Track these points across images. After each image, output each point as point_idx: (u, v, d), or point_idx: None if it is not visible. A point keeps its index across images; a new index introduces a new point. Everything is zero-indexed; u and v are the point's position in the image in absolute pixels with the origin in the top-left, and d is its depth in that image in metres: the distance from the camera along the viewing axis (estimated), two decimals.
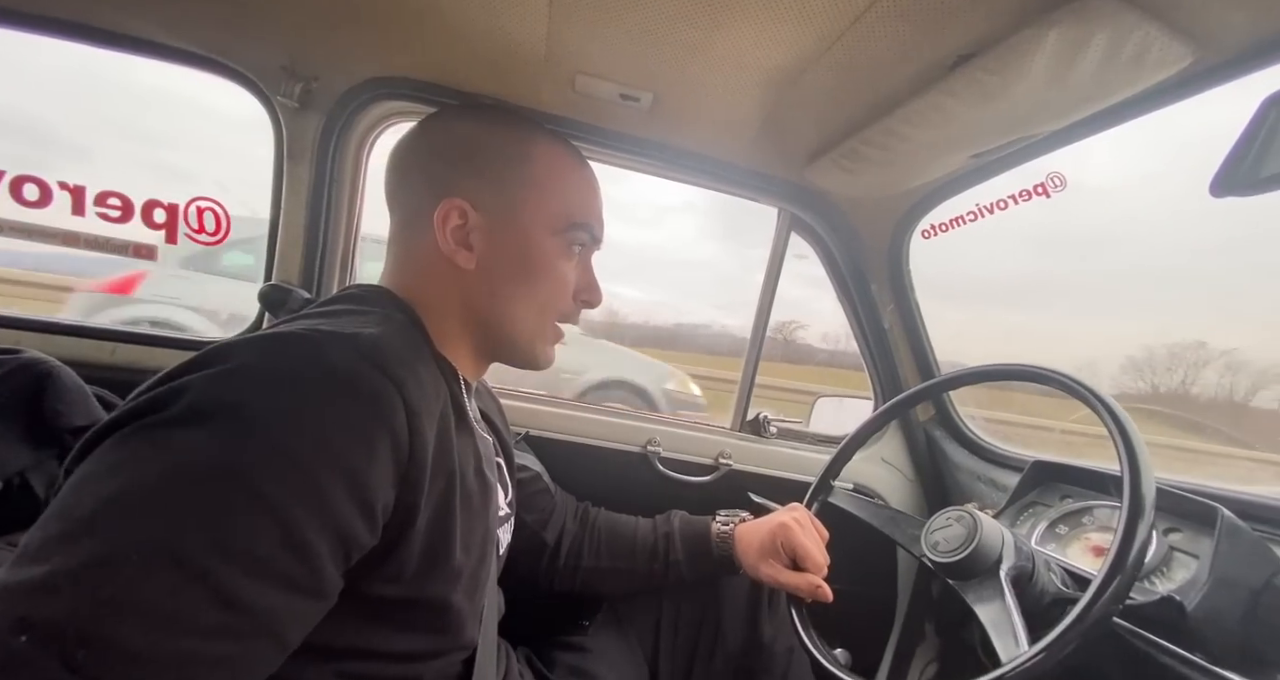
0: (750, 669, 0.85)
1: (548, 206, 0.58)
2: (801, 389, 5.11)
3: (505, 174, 0.57)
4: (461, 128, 0.59)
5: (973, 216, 0.90)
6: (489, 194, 0.56)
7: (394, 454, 0.41)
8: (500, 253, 0.57)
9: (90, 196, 0.95)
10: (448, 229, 0.55)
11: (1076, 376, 0.63)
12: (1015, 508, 0.87)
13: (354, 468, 0.38)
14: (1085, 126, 0.69)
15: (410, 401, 0.42)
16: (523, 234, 0.57)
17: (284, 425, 0.36)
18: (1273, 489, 0.69)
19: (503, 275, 0.57)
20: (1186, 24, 0.51)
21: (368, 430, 0.39)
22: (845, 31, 0.62)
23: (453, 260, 0.56)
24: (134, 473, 0.33)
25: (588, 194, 0.63)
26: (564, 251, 0.60)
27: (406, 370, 0.44)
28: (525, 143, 0.59)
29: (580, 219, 0.60)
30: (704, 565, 0.83)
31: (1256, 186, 0.47)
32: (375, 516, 0.40)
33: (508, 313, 0.58)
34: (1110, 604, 0.49)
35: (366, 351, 0.42)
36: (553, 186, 0.59)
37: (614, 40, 0.70)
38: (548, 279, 0.59)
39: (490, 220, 0.56)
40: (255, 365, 0.38)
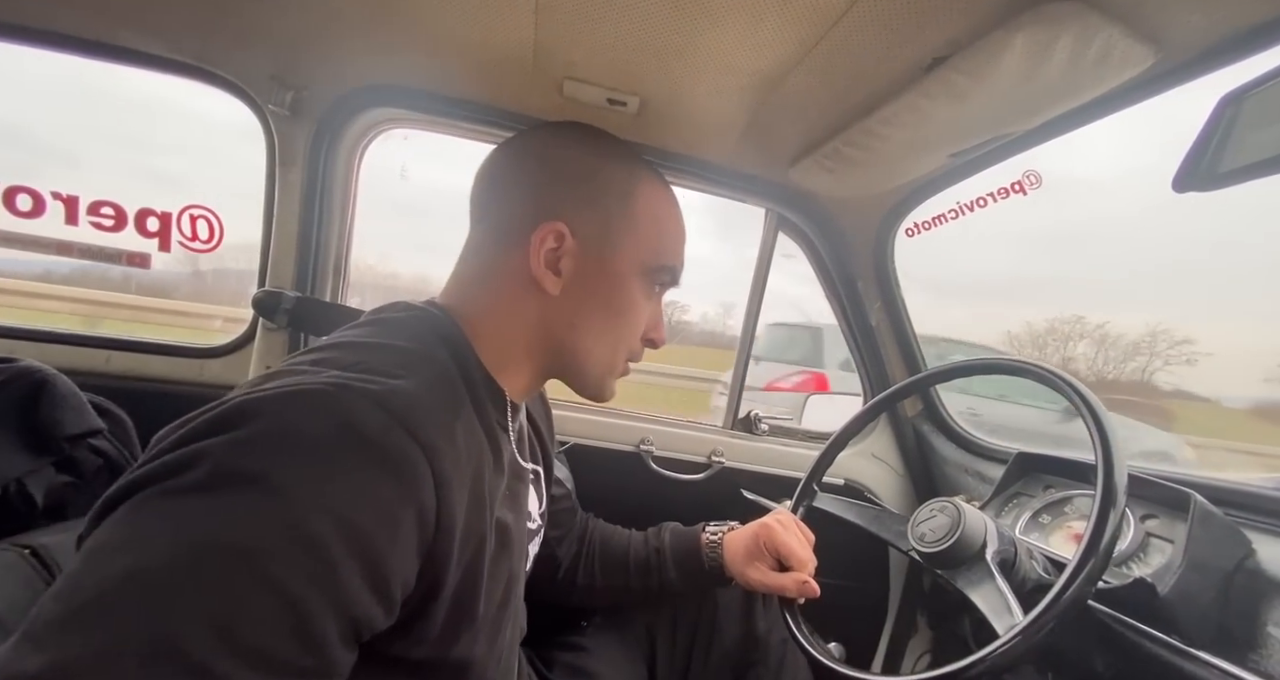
0: (747, 662, 0.86)
1: (643, 246, 0.57)
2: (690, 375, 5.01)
3: (610, 206, 0.56)
4: (574, 151, 0.58)
5: (954, 214, 0.92)
6: (590, 223, 0.55)
7: (419, 532, 0.39)
8: (588, 283, 0.55)
9: (83, 206, 0.96)
10: (543, 250, 0.53)
11: (1055, 369, 0.64)
12: (1000, 499, 0.89)
13: (375, 551, 0.36)
14: (1057, 125, 0.71)
15: (441, 471, 0.40)
16: (614, 269, 0.56)
17: (304, 502, 0.34)
18: (1245, 475, 0.71)
19: (585, 306, 0.56)
20: (1147, 27, 0.53)
21: (393, 509, 0.37)
22: (824, 36, 0.64)
23: (539, 283, 0.54)
24: (142, 551, 0.31)
25: (679, 236, 0.62)
26: (647, 291, 0.59)
27: (440, 432, 0.41)
28: (633, 179, 0.58)
29: (669, 261, 0.60)
30: (696, 578, 0.83)
31: (1216, 181, 0.49)
32: (393, 598, 0.38)
33: (583, 344, 0.57)
34: (1084, 587, 0.50)
35: (398, 412, 0.39)
36: (651, 226, 0.58)
37: (600, 45, 0.72)
38: (628, 317, 0.58)
39: (585, 249, 0.55)
40: (276, 430, 0.36)
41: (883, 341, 1.17)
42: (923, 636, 1.19)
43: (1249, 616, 0.57)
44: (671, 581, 0.83)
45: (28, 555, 0.54)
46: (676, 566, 0.83)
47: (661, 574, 0.83)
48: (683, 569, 0.83)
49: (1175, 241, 11.62)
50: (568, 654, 0.82)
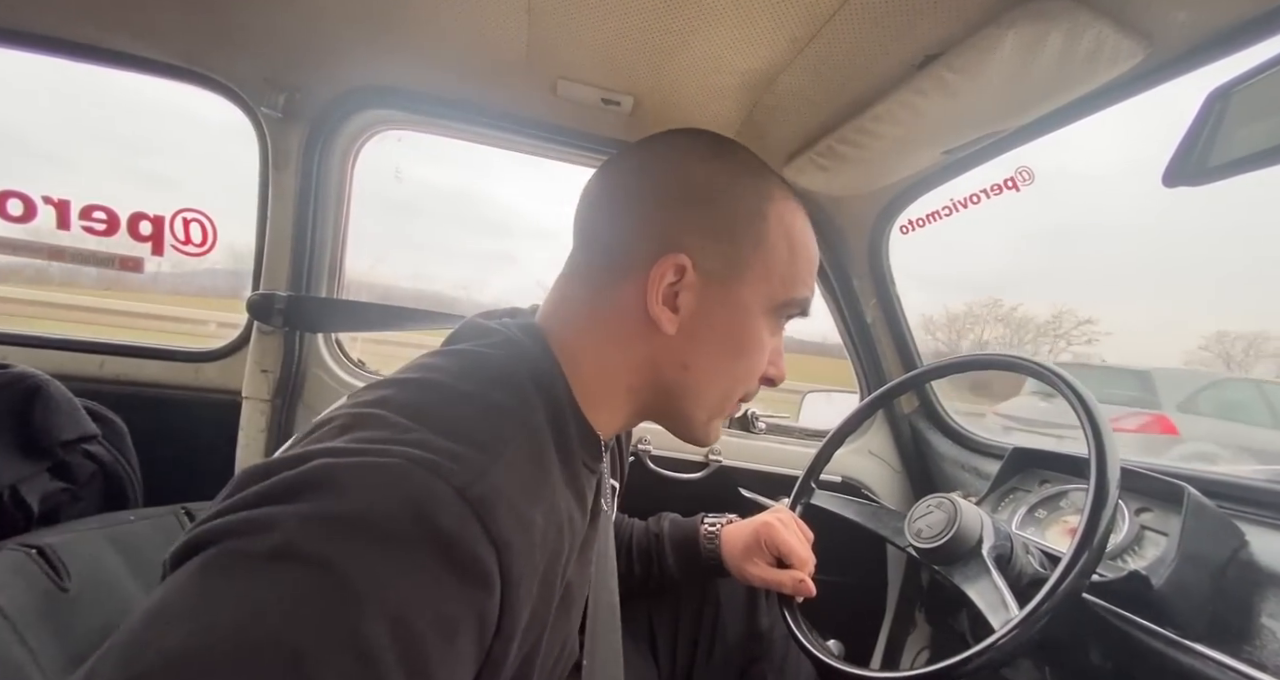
0: (750, 657, 0.86)
1: (774, 276, 0.50)
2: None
3: (738, 232, 0.49)
4: (697, 169, 0.50)
5: (948, 211, 0.93)
6: (715, 253, 0.48)
7: (479, 642, 0.36)
8: (708, 321, 0.49)
9: (75, 210, 0.95)
10: (661, 286, 0.47)
11: (1047, 364, 0.65)
12: (996, 494, 0.90)
13: (427, 666, 0.33)
14: (1049, 121, 0.72)
15: (512, 573, 0.37)
16: (739, 305, 0.50)
17: (366, 598, 0.32)
18: (1237, 468, 0.72)
19: (703, 346, 0.50)
20: (1135, 22, 0.54)
21: (455, 617, 0.34)
22: (816, 34, 0.64)
23: (655, 321, 0.48)
24: (205, 626, 0.30)
25: (813, 261, 0.54)
26: (774, 327, 0.53)
27: (519, 526, 0.38)
28: (765, 198, 0.51)
29: (801, 293, 0.53)
30: (693, 568, 0.84)
31: (1205, 176, 0.50)
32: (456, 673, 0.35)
33: (697, 387, 0.51)
34: (1079, 580, 0.51)
35: (478, 502, 0.36)
36: (783, 253, 0.51)
37: (593, 45, 0.72)
38: (750, 357, 0.52)
39: (708, 282, 0.48)
40: (352, 511, 0.33)
41: (878, 338, 1.17)
42: (921, 632, 1.19)
43: (1243, 608, 0.58)
44: (669, 569, 0.83)
45: (34, 555, 0.54)
46: (674, 554, 0.84)
47: (661, 561, 0.84)
48: (680, 558, 0.84)
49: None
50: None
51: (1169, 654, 0.58)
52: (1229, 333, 5.64)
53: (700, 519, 0.87)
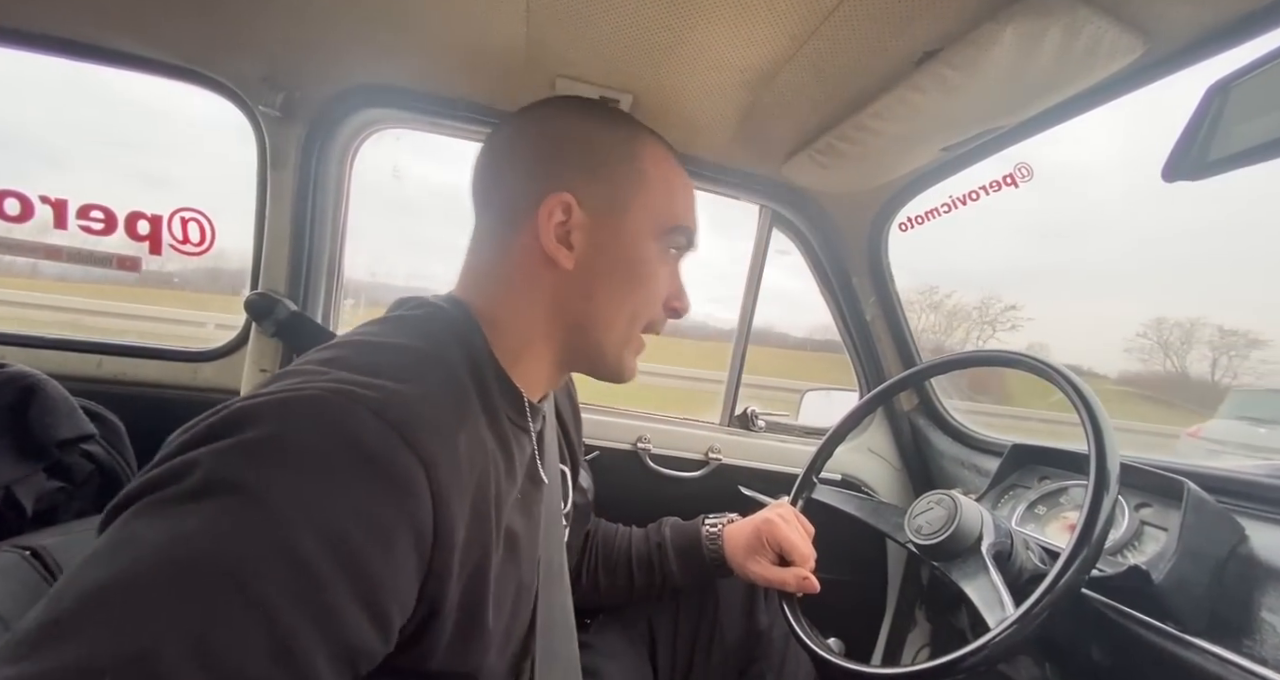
0: (749, 657, 0.86)
1: (654, 207, 0.56)
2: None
3: (615, 170, 0.55)
4: (568, 120, 0.57)
5: (946, 208, 0.93)
6: (596, 190, 0.54)
7: (416, 552, 0.38)
8: (602, 253, 0.54)
9: (72, 210, 0.95)
10: (552, 224, 0.52)
11: (1047, 360, 0.65)
12: (996, 491, 0.90)
13: (368, 572, 0.34)
14: (1048, 117, 0.72)
15: (440, 485, 0.39)
16: (627, 235, 0.55)
17: (293, 517, 0.33)
18: (1237, 462, 0.72)
19: (602, 277, 0.54)
20: (1133, 18, 0.54)
21: (387, 525, 0.36)
22: (815, 31, 0.64)
23: (553, 259, 0.53)
24: (125, 562, 0.30)
25: (690, 197, 0.61)
26: (664, 256, 0.58)
27: (441, 442, 0.40)
28: (634, 141, 0.57)
29: (683, 222, 0.58)
30: (698, 571, 0.83)
31: (1205, 170, 0.50)
32: (390, 623, 0.37)
33: (601, 317, 0.55)
34: (1078, 575, 0.51)
35: (397, 421, 0.38)
36: (660, 186, 0.56)
37: (592, 43, 0.72)
38: (646, 283, 0.57)
39: (595, 218, 0.54)
40: (269, 439, 0.34)
41: (878, 336, 1.17)
42: (922, 629, 1.19)
43: (1243, 602, 0.58)
44: (673, 575, 0.83)
45: (28, 556, 0.54)
46: (678, 560, 0.84)
47: (663, 569, 0.83)
48: (684, 562, 0.84)
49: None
50: None
51: (1169, 649, 0.58)
52: (1167, 319, 5.60)
53: (701, 520, 0.87)
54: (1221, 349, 5.10)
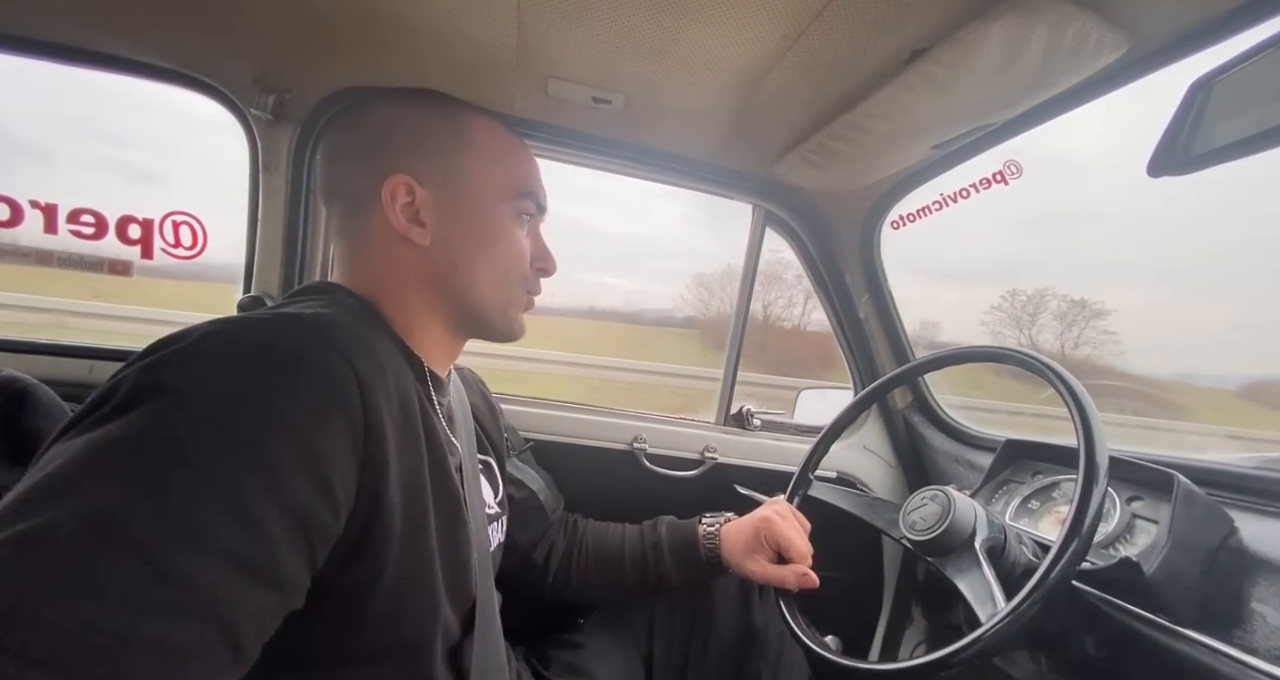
0: (744, 656, 0.86)
1: (492, 175, 0.59)
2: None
3: (445, 146, 0.57)
4: (391, 110, 0.59)
5: (938, 206, 0.93)
6: (432, 168, 0.56)
7: (349, 429, 0.39)
8: (454, 224, 0.57)
9: (63, 214, 0.94)
10: (397, 206, 0.55)
11: (1036, 355, 0.65)
12: (990, 486, 0.90)
13: (306, 438, 0.37)
14: (1036, 115, 0.72)
15: (364, 376, 0.41)
16: (473, 203, 0.58)
17: (225, 400, 0.35)
18: (1226, 456, 0.72)
19: (460, 246, 0.57)
20: (1118, 16, 0.54)
21: (318, 401, 0.38)
22: (805, 31, 0.64)
23: (407, 237, 0.56)
24: (71, 454, 0.32)
25: (528, 164, 0.63)
26: (515, 219, 0.60)
27: (359, 346, 0.43)
28: (458, 118, 0.59)
29: (526, 187, 0.61)
30: (694, 570, 0.83)
31: (1189, 165, 0.50)
32: (334, 494, 0.38)
33: (473, 283, 0.58)
34: (1068, 567, 0.51)
35: (312, 327, 0.41)
36: (493, 156, 0.60)
37: (583, 44, 0.72)
38: (505, 246, 0.59)
39: (438, 194, 0.56)
40: (192, 348, 0.37)
41: (871, 334, 1.18)
42: (918, 626, 1.20)
43: (1233, 593, 0.58)
44: (668, 575, 0.83)
45: None
46: (674, 559, 0.83)
47: (658, 568, 0.83)
48: (680, 562, 0.83)
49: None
50: (564, 652, 0.82)
51: (1162, 640, 0.58)
52: (1021, 291, 5.58)
53: (698, 520, 0.87)
54: (1068, 320, 5.14)
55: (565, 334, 6.09)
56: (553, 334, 5.46)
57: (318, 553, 0.38)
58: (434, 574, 0.49)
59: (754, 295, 1.19)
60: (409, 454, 0.46)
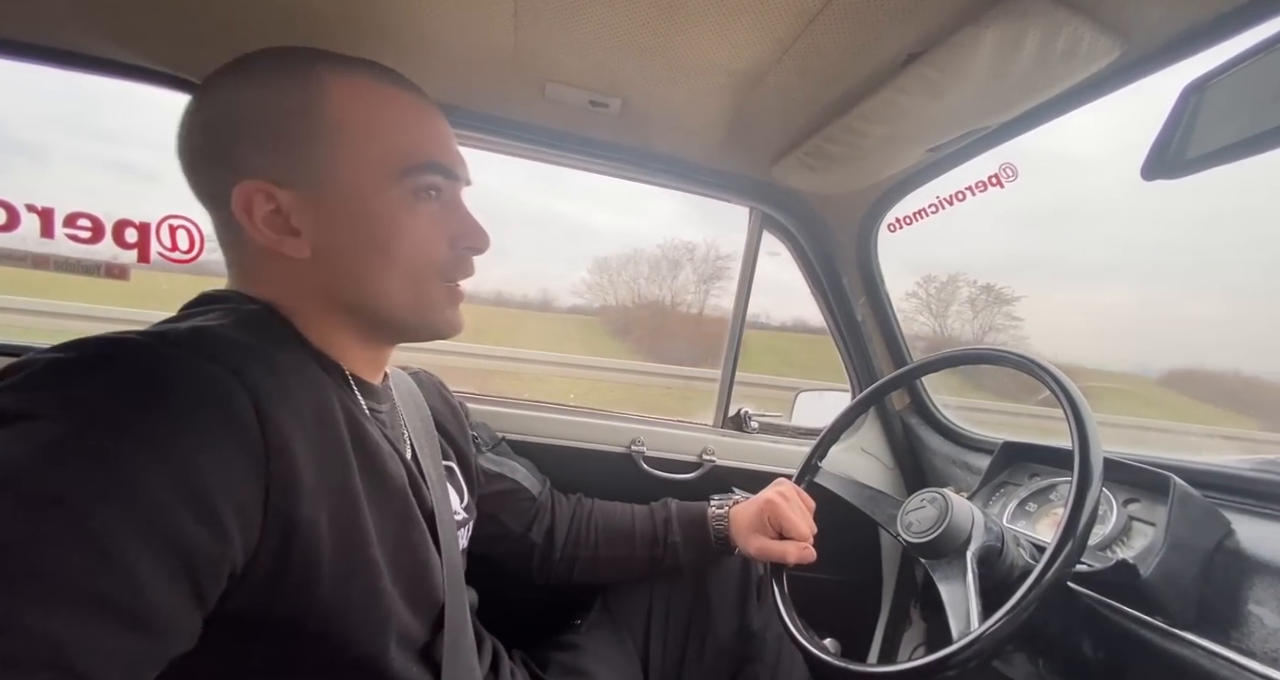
0: (742, 657, 0.86)
1: (368, 154, 0.47)
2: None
3: (296, 134, 0.46)
4: (228, 95, 0.48)
5: (934, 209, 0.93)
6: (284, 162, 0.46)
7: (243, 449, 0.35)
8: (333, 228, 0.47)
9: (59, 218, 0.94)
10: (257, 219, 0.46)
11: (1031, 356, 0.66)
12: (988, 488, 0.90)
13: (180, 463, 0.33)
14: (1031, 118, 0.73)
15: (258, 390, 0.37)
16: (355, 197, 0.47)
17: (81, 421, 0.31)
18: (1221, 458, 0.73)
19: (346, 253, 0.48)
20: (1110, 20, 0.55)
21: (194, 422, 0.34)
22: (801, 34, 0.65)
23: (280, 252, 0.46)
24: None
25: (419, 125, 0.50)
26: (409, 203, 0.49)
27: (250, 357, 0.38)
28: (308, 88, 0.47)
29: (418, 158, 0.49)
30: (702, 549, 0.85)
31: (1183, 169, 0.50)
32: (223, 523, 0.34)
33: (371, 292, 0.49)
34: (1063, 568, 0.51)
35: (188, 342, 0.37)
36: (365, 129, 0.47)
37: (580, 47, 0.72)
38: (402, 241, 0.49)
39: (305, 195, 0.46)
40: (42, 372, 0.33)
41: (868, 336, 1.18)
42: (917, 628, 1.20)
43: (1230, 596, 0.58)
44: (677, 551, 0.84)
45: None
46: (684, 536, 0.85)
47: (668, 544, 0.84)
48: (689, 539, 0.85)
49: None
50: (562, 653, 0.82)
51: (1159, 643, 0.58)
52: (935, 277, 5.58)
53: (707, 501, 0.89)
54: (977, 307, 5.20)
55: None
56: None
57: (205, 589, 0.34)
58: (379, 585, 0.45)
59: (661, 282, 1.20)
60: (332, 467, 0.42)
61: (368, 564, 0.44)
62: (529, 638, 0.85)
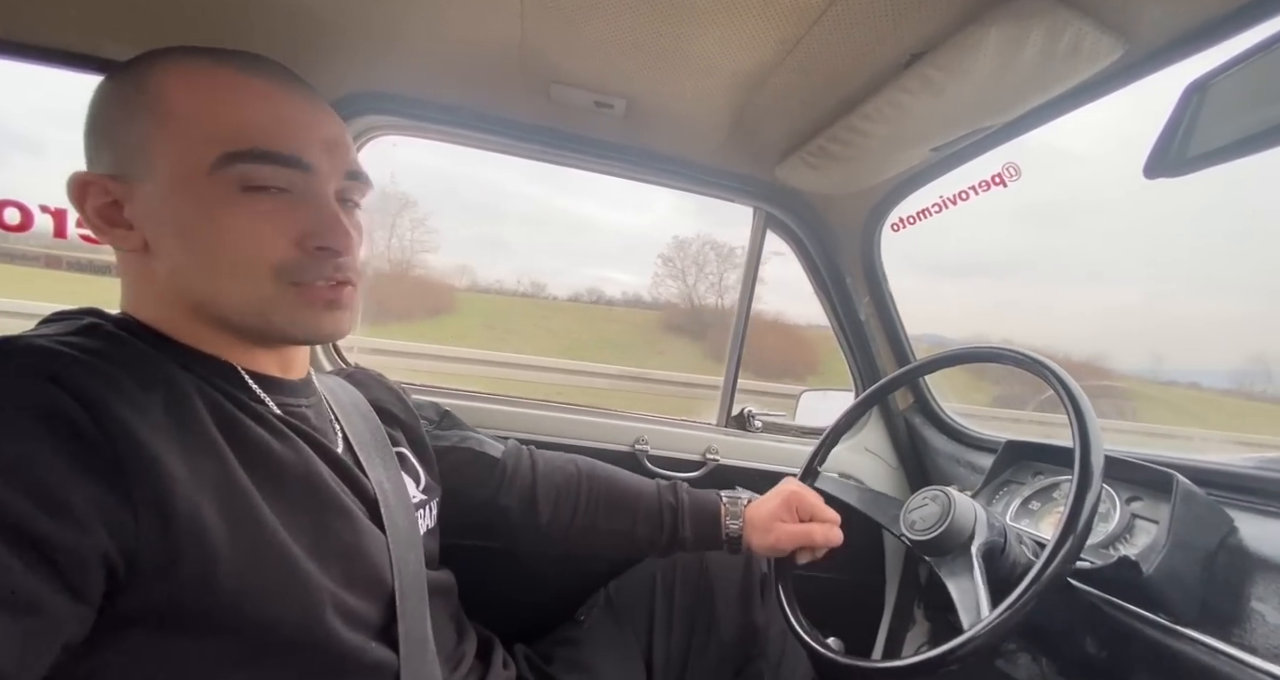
0: (746, 655, 0.86)
1: (183, 142, 0.44)
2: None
3: (122, 124, 0.45)
4: (93, 97, 0.48)
5: (937, 208, 0.94)
6: (117, 155, 0.46)
7: (74, 440, 0.36)
8: (158, 222, 0.45)
9: (71, 219, 0.96)
10: (89, 209, 0.46)
11: (1033, 354, 0.66)
12: (991, 487, 0.90)
13: (5, 456, 0.34)
14: (1034, 117, 0.73)
15: (77, 386, 0.37)
16: (176, 184, 0.45)
17: None
18: (1225, 456, 0.73)
19: (171, 248, 0.46)
20: (1113, 19, 0.55)
21: (7, 419, 0.35)
22: (805, 35, 0.65)
23: (118, 247, 0.47)
24: None
25: (244, 106, 0.46)
26: (231, 195, 0.45)
27: (64, 360, 0.39)
28: (139, 75, 0.46)
29: (236, 145, 0.44)
30: (710, 545, 0.81)
31: (1185, 166, 0.51)
32: (70, 509, 0.35)
33: (202, 290, 0.47)
34: (1063, 564, 0.51)
35: (13, 350, 0.38)
36: (190, 112, 0.44)
37: (585, 49, 0.73)
38: (223, 238, 0.45)
39: (134, 187, 0.45)
40: None
41: (872, 335, 1.18)
42: (921, 627, 1.20)
43: (1233, 593, 0.59)
44: (684, 540, 0.80)
45: None
46: (694, 531, 0.80)
47: (676, 538, 0.80)
48: (700, 536, 0.80)
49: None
50: (565, 649, 0.83)
51: (1162, 640, 0.59)
52: (687, 241, 5.62)
53: (719, 496, 0.83)
54: (721, 270, 5.16)
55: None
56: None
57: (73, 577, 0.35)
58: (299, 568, 0.45)
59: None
60: (203, 460, 0.42)
61: (276, 550, 0.44)
62: (530, 631, 0.86)
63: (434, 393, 1.08)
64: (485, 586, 0.81)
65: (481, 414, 1.07)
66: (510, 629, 0.80)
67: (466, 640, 0.69)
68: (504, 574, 0.93)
